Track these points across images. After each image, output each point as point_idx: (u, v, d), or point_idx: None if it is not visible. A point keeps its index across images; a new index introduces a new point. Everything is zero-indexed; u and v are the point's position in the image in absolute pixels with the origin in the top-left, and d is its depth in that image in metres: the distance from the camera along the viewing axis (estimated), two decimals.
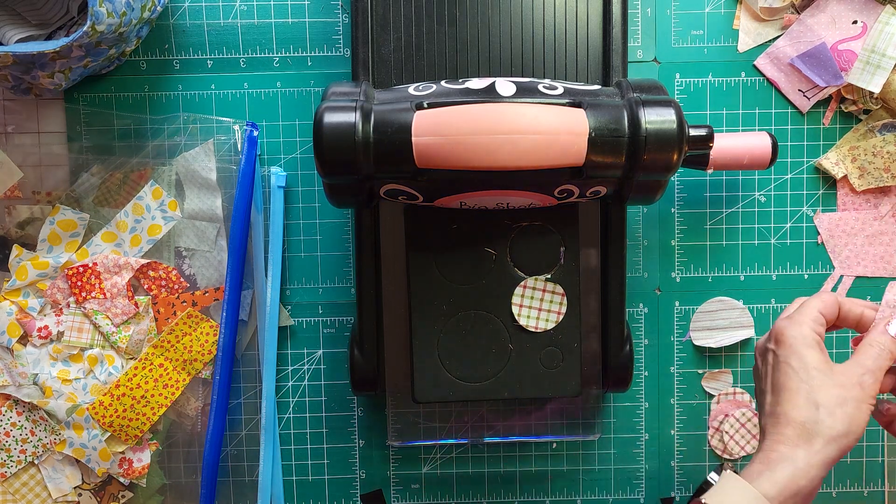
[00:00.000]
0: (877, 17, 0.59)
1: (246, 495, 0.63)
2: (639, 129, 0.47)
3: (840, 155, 0.61)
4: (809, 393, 0.45)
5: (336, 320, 0.62)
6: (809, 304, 0.49)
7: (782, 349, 0.47)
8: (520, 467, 0.64)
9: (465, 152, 0.45)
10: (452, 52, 0.55)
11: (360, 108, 0.47)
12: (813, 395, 0.45)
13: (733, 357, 0.63)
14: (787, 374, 0.46)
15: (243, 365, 0.62)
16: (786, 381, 0.46)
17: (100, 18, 0.49)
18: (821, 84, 0.60)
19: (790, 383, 0.46)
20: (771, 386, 0.47)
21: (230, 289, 0.59)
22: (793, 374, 0.46)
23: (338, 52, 0.61)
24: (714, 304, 0.62)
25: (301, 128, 0.61)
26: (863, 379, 0.46)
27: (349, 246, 0.62)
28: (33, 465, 0.60)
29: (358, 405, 0.63)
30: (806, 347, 0.46)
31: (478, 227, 0.54)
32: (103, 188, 0.60)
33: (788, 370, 0.46)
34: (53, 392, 0.59)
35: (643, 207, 0.62)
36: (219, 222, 0.60)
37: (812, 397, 0.45)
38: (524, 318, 0.54)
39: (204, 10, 0.60)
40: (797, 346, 0.47)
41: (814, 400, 0.45)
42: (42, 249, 0.60)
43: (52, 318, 0.60)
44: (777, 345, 0.47)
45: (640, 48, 0.60)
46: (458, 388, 0.55)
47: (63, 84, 0.55)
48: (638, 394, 0.63)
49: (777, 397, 0.46)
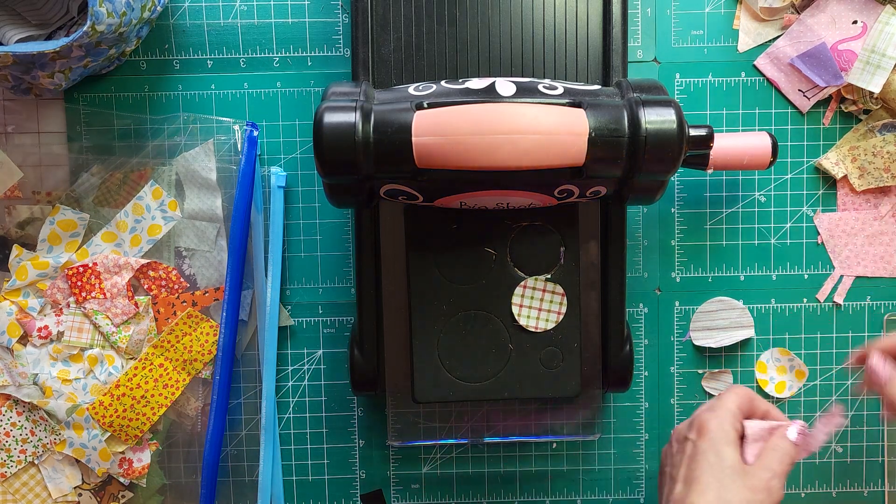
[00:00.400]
0: (877, 17, 0.59)
1: (246, 495, 0.63)
2: (639, 129, 0.47)
3: (840, 155, 0.61)
4: (720, 491, 0.46)
5: (336, 320, 0.62)
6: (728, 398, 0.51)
7: (703, 441, 0.48)
8: (520, 467, 0.64)
9: (465, 152, 0.45)
10: (452, 52, 0.55)
11: (360, 108, 0.47)
12: (724, 494, 0.46)
13: (733, 357, 0.63)
14: (702, 467, 0.47)
15: (243, 365, 0.62)
16: (700, 474, 0.47)
17: (100, 18, 0.49)
18: (821, 84, 0.60)
19: (704, 477, 0.47)
20: (684, 475, 0.48)
21: (230, 289, 0.59)
22: (708, 468, 0.47)
23: (338, 52, 0.61)
24: (714, 304, 0.62)
25: (301, 128, 0.61)
26: (771, 483, 0.47)
27: (349, 246, 0.62)
28: (33, 465, 0.60)
29: (358, 405, 0.63)
30: (725, 444, 0.48)
31: (478, 227, 0.54)
32: (103, 188, 0.60)
33: (705, 464, 0.47)
34: (53, 392, 0.59)
35: (643, 207, 0.62)
36: (219, 222, 0.60)
37: (723, 496, 0.46)
38: (524, 318, 0.54)
39: (204, 10, 0.60)
40: (717, 440, 0.48)
41: (725, 499, 0.46)
42: (42, 249, 0.60)
43: (52, 318, 0.60)
44: (699, 436, 0.49)
45: (640, 48, 0.60)
46: (458, 388, 0.55)
47: (63, 84, 0.55)
48: (638, 394, 0.63)
49: (689, 488, 0.47)
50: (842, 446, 0.63)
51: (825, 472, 0.63)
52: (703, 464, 0.47)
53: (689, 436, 0.50)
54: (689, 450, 0.49)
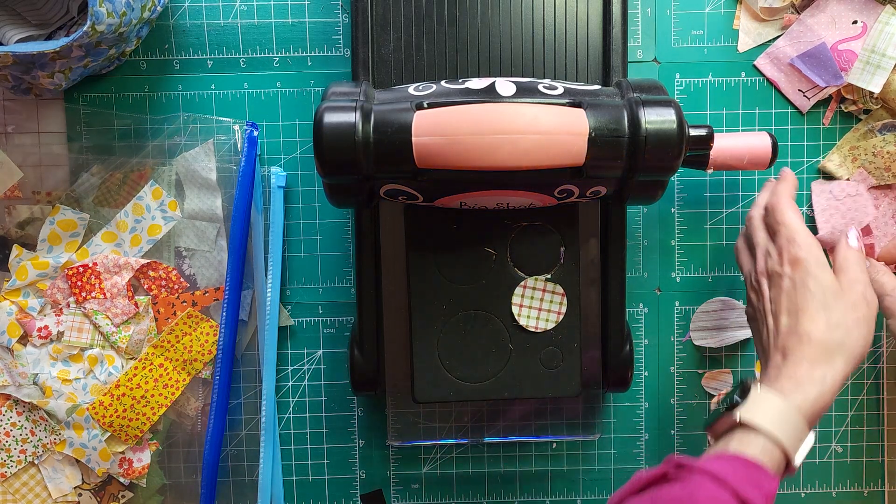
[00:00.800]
0: (877, 17, 0.59)
1: (246, 495, 0.63)
2: (639, 129, 0.47)
3: (842, 156, 0.61)
4: (829, 314, 0.47)
5: (336, 320, 0.62)
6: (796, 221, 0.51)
7: (799, 272, 0.49)
8: (520, 467, 0.64)
9: (465, 152, 0.45)
10: (452, 52, 0.55)
11: (360, 108, 0.47)
12: (831, 315, 0.47)
13: (733, 357, 0.63)
14: (804, 297, 0.48)
15: (243, 365, 0.62)
16: (804, 303, 0.48)
17: (100, 18, 0.49)
18: (821, 84, 0.60)
19: (808, 306, 0.48)
20: (787, 307, 0.49)
21: (230, 289, 0.59)
22: (811, 296, 0.48)
23: (338, 52, 0.61)
24: (714, 304, 0.62)
25: (301, 128, 0.61)
26: (866, 294, 0.49)
27: (349, 246, 0.62)
28: (33, 465, 0.60)
29: (358, 405, 0.63)
30: (821, 269, 0.49)
31: (478, 227, 0.54)
32: (103, 188, 0.60)
33: (806, 293, 0.48)
34: (53, 392, 0.59)
35: (643, 207, 0.62)
36: (219, 222, 0.60)
37: (832, 319, 0.47)
38: (524, 318, 0.54)
39: (204, 10, 0.60)
40: (813, 268, 0.48)
41: (833, 321, 0.47)
42: (42, 249, 0.60)
43: (52, 318, 0.60)
44: (793, 268, 0.49)
45: (640, 48, 0.60)
46: (458, 388, 0.55)
47: (63, 84, 0.55)
48: (638, 394, 0.63)
49: (796, 318, 0.48)
50: (842, 446, 0.63)
51: (825, 472, 0.63)
52: (806, 293, 0.48)
53: (781, 271, 0.50)
54: (787, 283, 0.49)
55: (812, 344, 0.47)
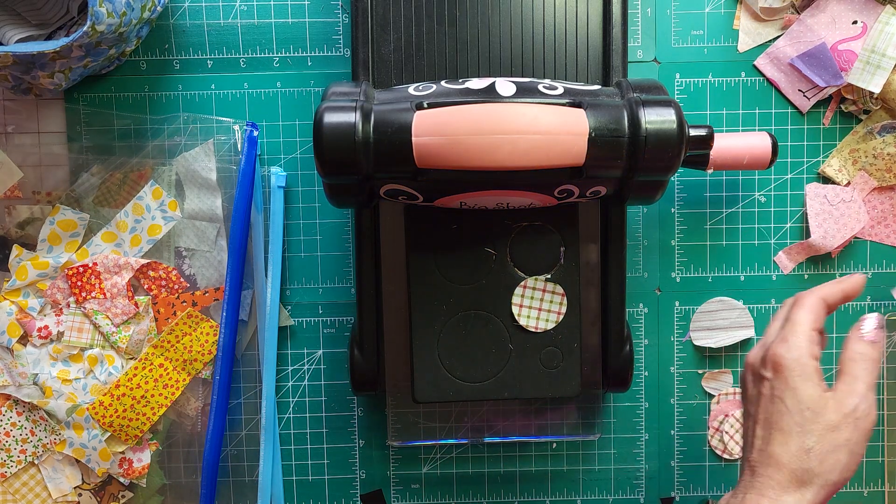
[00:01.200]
0: (877, 17, 0.59)
1: (246, 495, 0.63)
2: (639, 129, 0.47)
3: (842, 160, 0.61)
4: (801, 437, 0.44)
5: (336, 320, 0.62)
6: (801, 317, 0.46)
7: (779, 380, 0.45)
8: (520, 467, 0.64)
9: (465, 152, 0.45)
10: (452, 52, 0.55)
11: (360, 108, 0.47)
12: (805, 440, 0.44)
13: (733, 357, 0.63)
14: (780, 411, 0.45)
15: (243, 365, 0.62)
16: (778, 419, 0.45)
17: (100, 18, 0.49)
18: (821, 84, 0.60)
19: (782, 423, 0.44)
20: (763, 419, 0.46)
21: (230, 289, 0.59)
22: (786, 413, 0.44)
23: (338, 52, 0.61)
24: (714, 304, 0.62)
25: (301, 128, 0.61)
26: (858, 410, 0.44)
27: (349, 246, 0.62)
28: (33, 465, 0.60)
29: (358, 405, 0.63)
30: (803, 380, 0.44)
31: (478, 227, 0.54)
32: (103, 188, 0.60)
33: (782, 407, 0.44)
34: (53, 392, 0.59)
35: (643, 207, 0.62)
36: (219, 222, 0.60)
37: (804, 443, 0.44)
38: (524, 318, 0.54)
39: (204, 10, 0.60)
40: (793, 379, 0.45)
41: (806, 446, 0.44)
42: (42, 249, 0.60)
43: (52, 318, 0.60)
44: (774, 374, 0.45)
45: (640, 48, 0.60)
46: (458, 388, 0.55)
47: (63, 84, 0.55)
48: (638, 394, 0.63)
49: (768, 434, 0.45)
50: None
51: None
52: (781, 407, 0.44)
53: (763, 373, 0.46)
54: (767, 390, 0.45)
55: (781, 470, 0.44)
